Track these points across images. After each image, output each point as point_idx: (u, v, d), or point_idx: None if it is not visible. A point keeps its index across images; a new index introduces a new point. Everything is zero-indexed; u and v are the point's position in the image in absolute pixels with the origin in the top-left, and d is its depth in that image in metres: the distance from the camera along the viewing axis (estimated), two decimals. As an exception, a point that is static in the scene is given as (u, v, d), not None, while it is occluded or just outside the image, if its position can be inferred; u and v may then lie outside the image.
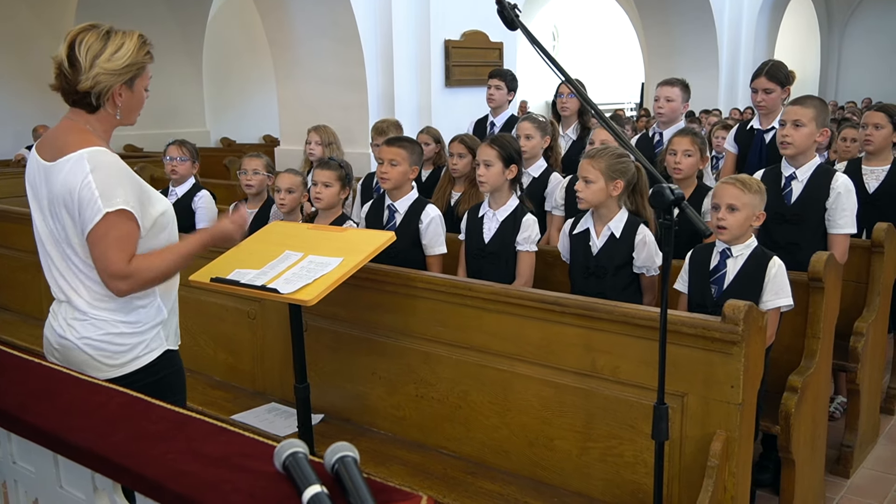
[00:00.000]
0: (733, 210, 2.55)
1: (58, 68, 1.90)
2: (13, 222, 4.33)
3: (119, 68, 1.88)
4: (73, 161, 1.87)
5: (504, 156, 3.03)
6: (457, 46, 6.69)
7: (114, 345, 1.96)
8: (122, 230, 1.88)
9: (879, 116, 3.69)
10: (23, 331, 4.10)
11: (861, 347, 3.08)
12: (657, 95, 4.01)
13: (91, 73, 1.86)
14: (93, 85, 1.88)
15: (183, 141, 4.15)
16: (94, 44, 1.87)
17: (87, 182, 1.84)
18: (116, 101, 1.93)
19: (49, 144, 1.97)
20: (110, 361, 1.96)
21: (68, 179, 1.87)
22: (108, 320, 1.96)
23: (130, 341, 1.98)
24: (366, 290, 2.74)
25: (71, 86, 1.89)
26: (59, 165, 1.90)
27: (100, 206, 1.84)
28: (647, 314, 2.17)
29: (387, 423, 2.77)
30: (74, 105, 1.95)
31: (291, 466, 1.09)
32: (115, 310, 1.97)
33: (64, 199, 1.89)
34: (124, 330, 1.97)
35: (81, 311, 1.96)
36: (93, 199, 1.84)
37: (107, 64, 1.87)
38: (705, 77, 11.73)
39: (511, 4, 1.99)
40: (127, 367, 1.98)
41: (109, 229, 1.86)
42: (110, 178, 1.87)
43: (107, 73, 1.87)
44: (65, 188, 1.88)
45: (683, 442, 2.15)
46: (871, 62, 17.33)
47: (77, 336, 1.96)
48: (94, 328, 1.96)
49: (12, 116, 8.30)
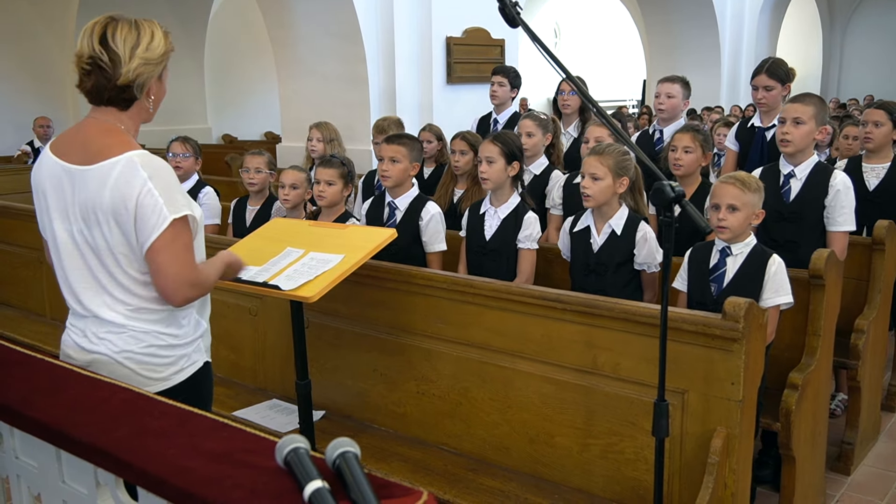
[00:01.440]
0: (733, 210, 2.55)
1: (89, 65, 1.77)
2: (15, 218, 4.34)
3: (157, 58, 1.82)
4: (123, 165, 1.75)
5: (506, 152, 3.03)
6: (458, 43, 6.68)
7: (158, 357, 1.88)
8: (187, 237, 1.82)
9: (879, 114, 3.69)
10: (25, 327, 4.12)
11: (862, 344, 3.09)
12: (658, 92, 4.02)
13: (132, 64, 1.77)
14: (135, 77, 1.78)
15: (186, 137, 4.16)
16: (128, 35, 1.79)
17: (148, 189, 1.74)
18: (151, 92, 1.86)
19: (78, 147, 1.82)
20: (154, 375, 1.87)
21: (121, 186, 1.75)
22: (150, 332, 1.86)
23: (175, 353, 1.90)
24: (367, 287, 2.75)
25: (110, 81, 1.78)
26: (103, 170, 1.76)
27: (166, 213, 1.75)
28: (647, 311, 2.17)
29: (388, 420, 2.78)
30: (108, 103, 1.83)
31: (293, 462, 1.09)
32: (156, 321, 1.87)
33: (114, 208, 1.76)
34: (169, 342, 1.89)
35: (117, 324, 1.84)
36: (157, 206, 1.75)
37: (146, 54, 1.79)
38: (707, 74, 11.73)
39: (512, 2, 1.99)
40: (171, 380, 1.90)
41: (177, 236, 1.78)
42: (169, 183, 1.80)
43: (147, 64, 1.80)
44: (118, 195, 1.75)
45: (684, 438, 2.16)
46: (873, 59, 17.30)
47: (115, 350, 1.84)
48: (135, 341, 1.85)
49: (12, 112, 8.30)
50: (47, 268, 2.05)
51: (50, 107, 8.15)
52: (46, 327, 4.08)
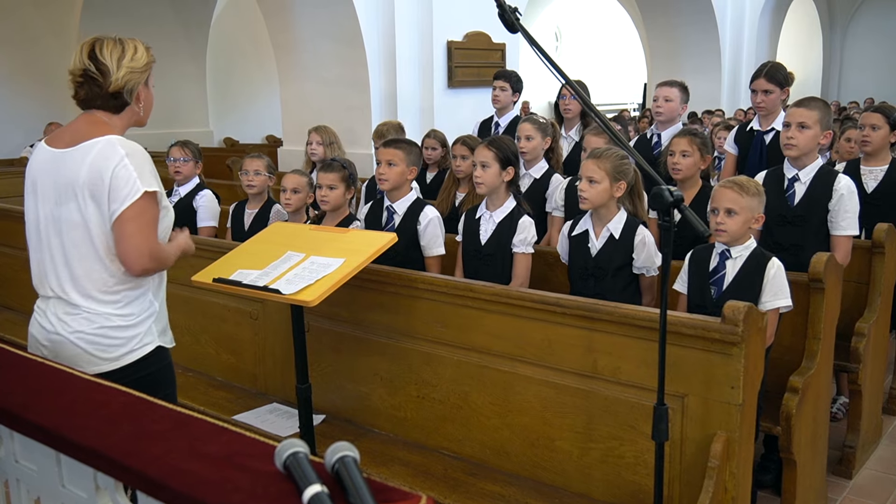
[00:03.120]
0: (732, 214, 2.56)
1: (81, 76, 2.02)
2: (17, 221, 4.35)
3: (141, 67, 2.05)
4: (103, 144, 1.96)
5: (501, 157, 3.03)
6: (459, 47, 6.70)
7: (108, 338, 2.02)
8: (155, 212, 2.01)
9: (876, 117, 3.69)
10: (25, 329, 4.11)
11: (862, 348, 3.08)
12: (656, 96, 4.04)
13: (120, 73, 2.01)
14: (123, 84, 2.02)
15: (186, 142, 4.17)
16: (114, 49, 2.03)
17: (125, 163, 1.94)
18: (140, 98, 2.09)
19: (67, 136, 2.04)
20: (104, 355, 2.01)
21: (98, 160, 1.94)
22: (101, 313, 2.01)
23: (124, 334, 2.04)
24: (367, 291, 2.75)
25: (102, 89, 2.02)
26: (84, 149, 1.96)
27: (139, 185, 1.94)
28: (647, 315, 2.17)
29: (388, 424, 2.78)
30: (99, 108, 2.05)
31: (292, 466, 1.09)
32: (108, 303, 2.02)
33: (90, 180, 1.94)
34: (119, 323, 2.03)
35: (74, 304, 2.02)
36: (131, 178, 1.93)
37: (131, 63, 2.03)
38: (708, 78, 11.75)
39: (511, 8, 2.00)
40: (120, 361, 2.03)
41: (146, 209, 1.96)
42: (144, 163, 1.99)
43: (133, 72, 2.03)
44: (94, 168, 1.94)
45: (684, 443, 2.15)
46: (873, 62, 17.32)
47: (70, 330, 2.01)
48: (87, 322, 2.01)
49: (17, 115, 8.33)
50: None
51: (54, 110, 8.17)
52: (47, 331, 4.08)
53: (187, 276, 2.48)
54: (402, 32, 6.43)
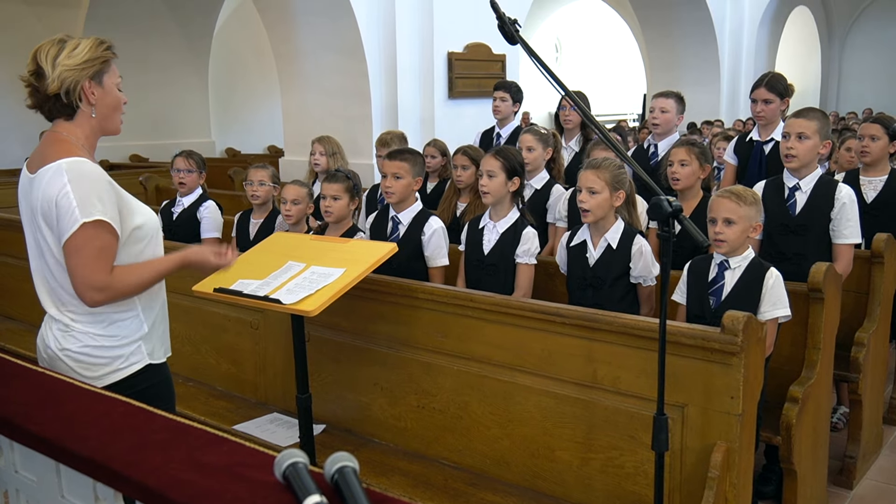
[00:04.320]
0: (730, 223, 2.57)
1: (27, 84, 1.96)
2: (19, 231, 4.35)
3: (79, 63, 1.93)
4: (52, 171, 1.90)
5: (507, 167, 3.05)
6: (460, 58, 6.73)
7: (92, 357, 2.00)
8: (101, 241, 1.89)
9: (875, 128, 3.71)
10: (27, 340, 4.12)
11: (862, 358, 3.08)
12: (652, 107, 4.07)
13: (55, 73, 1.91)
14: (59, 84, 1.92)
15: (190, 152, 4.18)
16: (50, 49, 1.94)
17: (66, 192, 1.86)
18: (90, 98, 1.96)
19: (36, 158, 2.00)
20: (87, 373, 1.99)
21: (46, 190, 1.90)
22: (87, 333, 1.99)
23: (109, 354, 2.01)
24: (368, 301, 2.76)
25: (41, 93, 1.94)
26: (40, 176, 1.92)
27: (77, 216, 1.86)
28: (647, 325, 2.17)
29: (388, 434, 2.77)
30: (53, 116, 1.99)
31: (291, 476, 1.10)
32: (93, 322, 1.99)
33: (43, 210, 1.92)
34: (103, 343, 2.00)
35: (64, 323, 2.00)
36: (70, 208, 1.86)
37: (67, 61, 1.92)
38: (707, 89, 11.79)
39: (511, 20, 2.02)
40: (105, 380, 2.00)
41: (88, 240, 1.87)
42: (89, 188, 1.88)
43: (69, 70, 1.92)
44: (44, 198, 1.90)
45: (684, 453, 2.15)
46: (872, 73, 17.37)
47: (59, 347, 2.01)
48: (74, 340, 1.99)
49: (19, 125, 8.35)
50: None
51: (55, 122, 8.21)
52: (48, 341, 4.08)
53: (188, 286, 2.49)
54: (403, 43, 6.46)
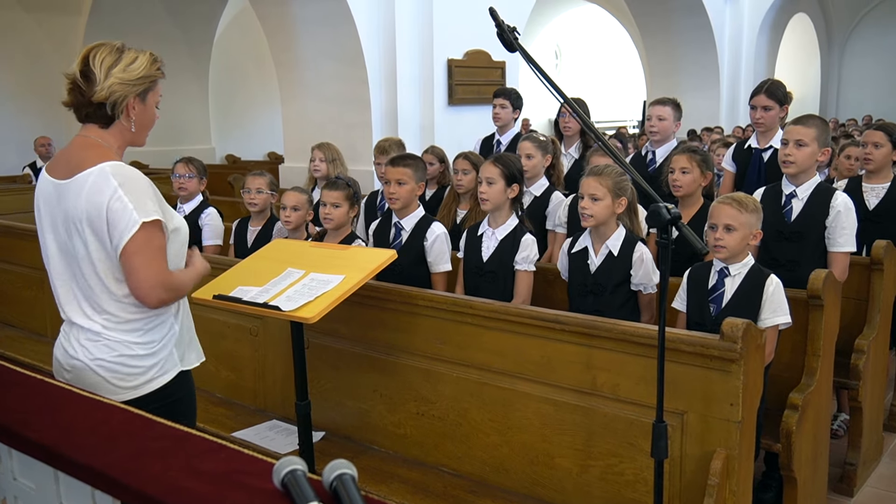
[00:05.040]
0: (730, 230, 2.57)
1: (71, 83, 1.90)
2: (19, 238, 4.37)
3: (133, 79, 1.90)
4: (96, 175, 1.85)
5: (507, 174, 3.06)
6: (459, 65, 6.75)
7: (128, 367, 1.94)
8: (159, 241, 1.89)
9: (879, 135, 3.72)
10: (27, 347, 4.12)
11: (862, 365, 3.08)
12: (649, 114, 4.08)
13: (106, 83, 1.87)
14: (108, 95, 1.88)
15: (190, 158, 4.19)
16: (107, 57, 1.89)
17: (118, 195, 1.83)
18: (130, 113, 1.94)
19: (63, 163, 1.94)
20: (124, 384, 1.94)
21: (93, 194, 1.85)
22: (122, 341, 1.94)
23: (145, 363, 1.96)
24: (367, 308, 2.76)
25: (85, 97, 1.89)
26: (79, 181, 1.87)
27: (135, 217, 1.83)
28: (646, 332, 2.17)
29: (387, 441, 2.77)
30: (87, 120, 1.94)
31: (290, 484, 1.10)
32: (129, 331, 1.94)
33: (88, 216, 1.86)
34: (139, 352, 1.95)
35: (94, 332, 1.94)
36: (126, 210, 1.83)
37: (122, 74, 1.88)
38: (706, 96, 11.82)
39: (510, 27, 2.02)
40: (141, 390, 1.95)
41: (149, 240, 1.86)
42: (140, 189, 1.88)
43: (121, 83, 1.89)
44: (90, 204, 1.85)
45: (683, 460, 2.15)
46: (872, 80, 17.41)
47: (90, 357, 1.93)
48: (108, 350, 1.93)
49: (18, 132, 8.39)
50: (49, 288, 2.09)
51: (54, 127, 8.22)
52: (47, 347, 4.04)
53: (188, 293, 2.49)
54: (403, 51, 6.49)
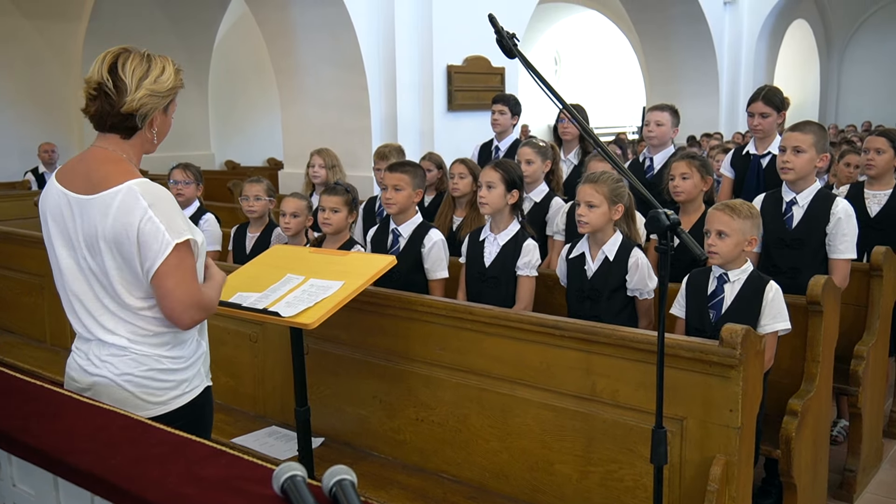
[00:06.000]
0: (722, 236, 2.58)
1: (95, 90, 1.82)
2: (19, 244, 4.37)
3: (164, 91, 1.86)
4: (124, 194, 1.79)
5: (507, 179, 3.06)
6: (459, 71, 6.76)
7: (157, 381, 1.89)
8: (192, 260, 1.86)
9: (881, 141, 3.72)
10: (26, 353, 4.12)
11: (862, 371, 3.08)
12: (647, 120, 4.08)
13: (137, 94, 1.82)
14: (138, 107, 1.83)
15: (187, 164, 4.20)
16: (138, 67, 1.83)
17: (149, 217, 1.78)
18: (154, 124, 1.90)
19: (81, 176, 1.86)
20: (153, 398, 1.89)
21: (122, 215, 1.79)
22: (151, 355, 1.88)
23: (175, 378, 1.92)
24: (367, 314, 2.76)
25: (114, 108, 1.82)
26: (104, 199, 1.80)
27: (168, 238, 1.79)
28: (645, 338, 2.17)
29: (387, 447, 2.77)
30: (111, 130, 1.87)
31: (289, 490, 1.10)
32: (159, 345, 1.90)
33: (116, 236, 1.80)
34: (169, 366, 1.90)
35: (120, 346, 1.87)
36: (159, 232, 1.78)
37: (153, 86, 1.84)
38: (706, 102, 11.82)
39: (510, 34, 2.03)
40: (171, 405, 1.91)
41: (182, 260, 1.82)
42: (169, 209, 1.83)
43: (152, 95, 1.84)
44: (119, 224, 1.79)
45: (683, 466, 2.15)
46: (871, 86, 17.43)
47: (117, 372, 1.86)
48: (136, 364, 1.87)
49: (19, 138, 8.39)
50: (49, 294, 2.07)
51: (56, 133, 8.23)
52: (46, 354, 4.08)
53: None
54: (403, 57, 6.50)
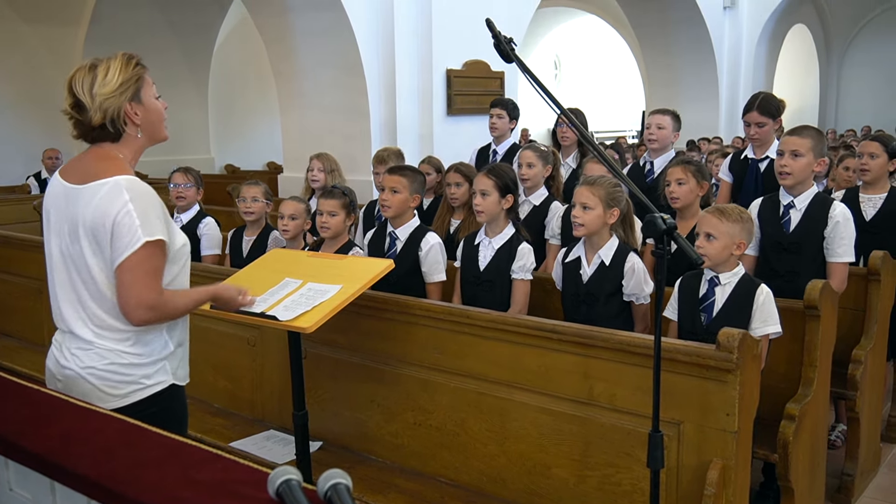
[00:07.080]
0: (710, 238, 2.59)
1: (70, 116, 1.94)
2: (18, 249, 4.37)
3: (114, 89, 1.91)
4: (110, 186, 1.87)
5: (500, 185, 3.07)
6: (458, 76, 6.78)
7: (118, 374, 1.95)
8: (158, 261, 1.90)
9: (874, 146, 3.73)
10: (24, 357, 4.12)
11: (859, 375, 3.08)
12: (648, 123, 4.09)
13: (94, 104, 1.90)
14: (102, 114, 1.90)
15: (188, 168, 4.21)
16: (84, 79, 1.91)
17: (128, 210, 1.85)
18: (134, 119, 1.95)
19: (78, 169, 1.96)
20: (113, 391, 1.95)
21: (103, 204, 1.86)
22: (113, 350, 1.95)
23: (136, 372, 1.97)
24: (365, 318, 2.76)
25: (87, 125, 1.93)
26: (92, 189, 1.89)
27: (139, 234, 1.85)
28: (643, 342, 2.18)
29: (385, 451, 2.77)
30: (97, 141, 1.97)
31: (285, 493, 1.10)
32: (121, 340, 1.96)
33: (94, 224, 1.88)
34: (131, 360, 1.96)
35: (86, 340, 1.95)
36: (133, 226, 1.84)
37: (102, 90, 1.90)
38: (705, 106, 11.84)
39: (507, 38, 2.04)
40: (130, 398, 1.96)
41: (146, 259, 1.87)
42: (149, 207, 1.89)
43: (107, 98, 1.90)
44: (98, 212, 1.87)
45: (680, 470, 2.15)
46: (870, 90, 17.45)
47: (81, 366, 1.95)
48: (98, 358, 1.95)
49: (20, 143, 8.41)
50: (47, 298, 2.09)
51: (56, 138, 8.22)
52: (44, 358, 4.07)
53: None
54: (402, 61, 6.51)
